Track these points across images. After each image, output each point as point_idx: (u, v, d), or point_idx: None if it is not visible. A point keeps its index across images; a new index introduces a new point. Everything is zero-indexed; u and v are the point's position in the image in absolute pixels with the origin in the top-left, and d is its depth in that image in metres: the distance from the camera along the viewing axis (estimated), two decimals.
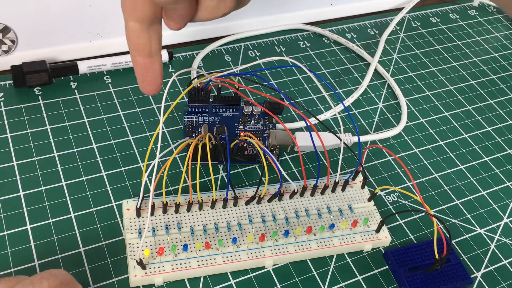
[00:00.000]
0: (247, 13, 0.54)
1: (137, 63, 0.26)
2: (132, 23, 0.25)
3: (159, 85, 0.27)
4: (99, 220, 0.37)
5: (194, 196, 0.37)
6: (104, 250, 0.35)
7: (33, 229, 0.36)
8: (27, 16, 0.45)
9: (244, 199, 0.38)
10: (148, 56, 0.26)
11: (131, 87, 0.47)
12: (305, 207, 0.38)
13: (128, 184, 0.39)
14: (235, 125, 0.43)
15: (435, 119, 0.49)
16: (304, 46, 0.55)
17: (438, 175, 0.44)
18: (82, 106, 0.44)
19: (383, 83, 0.52)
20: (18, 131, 0.42)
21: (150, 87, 0.27)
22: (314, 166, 0.43)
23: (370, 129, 0.47)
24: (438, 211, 0.41)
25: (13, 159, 0.40)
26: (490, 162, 0.46)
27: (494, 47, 0.58)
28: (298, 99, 0.48)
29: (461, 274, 0.36)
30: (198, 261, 0.34)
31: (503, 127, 0.49)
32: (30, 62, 0.45)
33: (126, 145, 0.42)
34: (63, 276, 0.28)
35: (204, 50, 0.51)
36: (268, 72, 0.50)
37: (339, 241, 0.37)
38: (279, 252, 0.36)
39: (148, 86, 0.27)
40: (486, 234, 0.40)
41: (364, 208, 0.39)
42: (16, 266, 0.34)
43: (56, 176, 0.39)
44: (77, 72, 0.47)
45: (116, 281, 0.34)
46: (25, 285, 0.26)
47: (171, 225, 0.36)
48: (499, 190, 0.44)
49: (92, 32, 0.48)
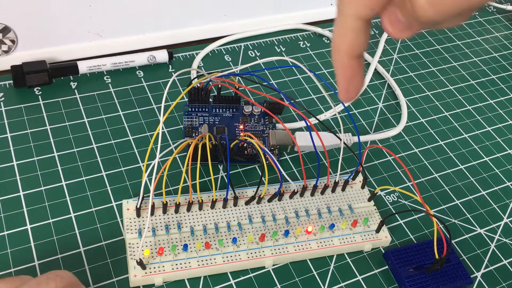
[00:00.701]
0: (247, 13, 0.54)
1: (346, 66, 0.23)
2: (355, 21, 0.22)
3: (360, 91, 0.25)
4: (99, 220, 0.37)
5: (194, 196, 0.37)
6: (104, 250, 0.35)
7: (33, 229, 0.36)
8: (27, 16, 0.45)
9: (244, 199, 0.38)
10: (359, 57, 0.23)
11: (131, 87, 0.47)
12: (305, 207, 0.38)
13: (128, 184, 0.39)
14: (235, 125, 0.43)
15: (435, 119, 0.49)
16: (304, 46, 0.55)
17: (438, 175, 0.44)
18: (82, 106, 0.44)
19: (383, 83, 0.52)
20: (18, 131, 0.42)
21: (353, 93, 0.24)
22: (314, 166, 0.43)
23: (370, 129, 0.47)
24: (438, 211, 0.41)
25: (13, 159, 0.40)
26: (490, 162, 0.46)
27: (494, 47, 0.58)
28: (298, 99, 0.48)
29: (461, 274, 0.36)
30: (198, 261, 0.34)
31: (503, 127, 0.49)
32: (30, 62, 0.45)
33: (126, 145, 0.42)
34: (68, 278, 0.28)
35: (204, 50, 0.51)
36: (268, 72, 0.50)
37: (339, 241, 0.37)
38: (279, 252, 0.36)
39: (352, 92, 0.24)
40: (486, 234, 0.40)
41: (364, 208, 0.39)
42: (16, 266, 0.34)
43: (56, 176, 0.39)
44: (77, 72, 0.47)
45: (116, 281, 0.34)
46: (31, 286, 0.26)
47: (171, 225, 0.36)
48: (499, 190, 0.44)
49: (92, 32, 0.48)
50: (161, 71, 0.49)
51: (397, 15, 0.21)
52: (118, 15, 0.48)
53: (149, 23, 0.50)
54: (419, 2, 0.19)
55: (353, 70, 0.23)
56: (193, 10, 0.51)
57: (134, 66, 0.49)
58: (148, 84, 0.47)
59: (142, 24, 0.50)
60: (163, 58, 0.49)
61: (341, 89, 0.24)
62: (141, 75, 0.48)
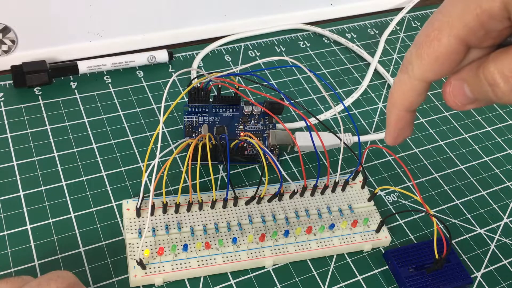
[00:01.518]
0: (247, 13, 0.54)
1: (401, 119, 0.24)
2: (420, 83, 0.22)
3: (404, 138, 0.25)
4: (99, 220, 0.37)
5: (194, 196, 0.37)
6: (104, 250, 0.35)
7: (33, 229, 0.36)
8: (27, 16, 0.45)
9: (244, 199, 0.38)
10: (414, 111, 0.24)
11: (131, 87, 0.47)
12: (305, 207, 0.38)
13: (128, 184, 0.39)
14: (235, 125, 0.43)
15: (435, 119, 0.49)
16: (304, 46, 0.55)
17: (438, 175, 0.44)
18: (82, 106, 0.44)
19: (383, 83, 0.52)
20: (18, 131, 0.42)
21: (401, 140, 0.25)
22: (314, 166, 0.43)
23: (370, 129, 0.47)
24: (438, 211, 0.41)
25: (13, 159, 0.40)
26: (490, 162, 0.46)
27: None
28: (298, 99, 0.48)
29: (461, 274, 0.36)
30: (198, 261, 0.34)
31: (503, 127, 0.49)
32: (30, 62, 0.45)
33: (126, 145, 0.42)
34: (69, 278, 0.28)
35: (204, 50, 0.51)
36: (268, 72, 0.50)
37: (339, 241, 0.37)
38: (279, 252, 0.36)
39: (400, 139, 0.25)
40: (486, 234, 0.40)
41: (364, 208, 0.39)
42: (16, 266, 0.34)
43: (56, 176, 0.39)
44: (77, 72, 0.47)
45: (116, 281, 0.34)
46: (32, 286, 0.26)
47: (171, 225, 0.36)
48: (499, 190, 0.44)
49: (92, 32, 0.48)
50: (161, 71, 0.49)
51: (463, 89, 0.21)
52: (118, 15, 0.48)
53: (149, 23, 0.50)
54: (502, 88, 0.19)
55: (406, 121, 0.24)
56: (193, 10, 0.51)
57: (134, 66, 0.49)
58: (148, 84, 0.47)
59: (142, 24, 0.50)
60: (163, 58, 0.49)
61: (390, 136, 0.25)
62: (141, 75, 0.48)
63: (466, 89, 0.21)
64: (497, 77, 0.19)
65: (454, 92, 0.22)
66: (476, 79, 0.20)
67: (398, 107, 0.24)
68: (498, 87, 0.19)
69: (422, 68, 0.21)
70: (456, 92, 0.22)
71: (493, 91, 0.20)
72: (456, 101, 0.22)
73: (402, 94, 0.23)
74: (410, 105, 0.23)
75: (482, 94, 0.20)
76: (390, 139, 0.25)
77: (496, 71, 0.19)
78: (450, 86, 0.22)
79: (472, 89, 0.21)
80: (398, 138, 0.25)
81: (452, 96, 0.22)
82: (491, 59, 0.20)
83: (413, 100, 0.23)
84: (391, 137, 0.25)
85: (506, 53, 0.19)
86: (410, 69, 0.22)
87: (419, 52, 0.21)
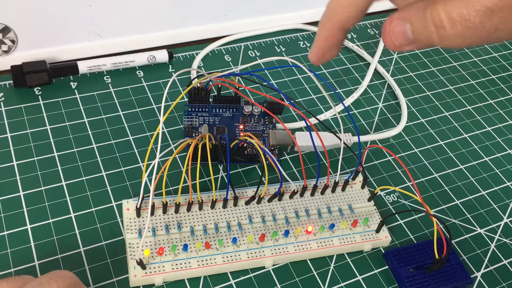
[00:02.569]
0: (247, 13, 0.54)
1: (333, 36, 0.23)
2: None
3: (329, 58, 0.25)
4: (99, 220, 0.37)
5: (194, 196, 0.37)
6: (104, 250, 0.35)
7: (33, 229, 0.36)
8: (27, 16, 0.45)
9: (244, 199, 0.38)
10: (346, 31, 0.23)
11: (131, 87, 0.47)
12: (305, 207, 0.38)
13: (128, 184, 0.39)
14: (235, 125, 0.43)
15: (435, 119, 0.49)
16: (304, 46, 0.55)
17: (438, 175, 0.44)
18: (82, 106, 0.44)
19: (383, 83, 0.52)
20: (18, 131, 0.42)
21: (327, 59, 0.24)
22: (314, 166, 0.43)
23: (370, 129, 0.47)
24: (438, 211, 0.41)
25: (13, 159, 0.40)
26: (490, 162, 0.46)
27: (494, 47, 0.58)
28: (298, 99, 0.48)
29: (461, 274, 0.36)
30: (198, 261, 0.34)
31: (503, 127, 0.49)
32: (30, 62, 0.45)
33: (126, 145, 0.42)
34: (70, 278, 0.28)
35: (204, 50, 0.51)
36: (268, 72, 0.50)
37: (339, 241, 0.37)
38: (279, 252, 0.36)
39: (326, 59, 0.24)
40: (486, 234, 0.40)
41: (364, 208, 0.39)
42: (16, 266, 0.34)
43: (56, 176, 0.39)
44: (77, 72, 0.47)
45: (116, 281, 0.34)
46: (33, 286, 0.26)
47: (171, 225, 0.36)
48: (499, 190, 0.44)
49: (92, 32, 0.48)
50: (161, 71, 0.49)
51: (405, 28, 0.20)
52: (118, 15, 0.48)
53: (149, 23, 0.50)
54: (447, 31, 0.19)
55: (337, 40, 0.23)
56: (193, 10, 0.51)
57: (134, 66, 0.49)
58: (148, 84, 0.47)
59: (142, 24, 0.50)
60: (163, 58, 0.49)
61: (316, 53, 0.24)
62: (141, 75, 0.48)
63: (408, 29, 0.20)
64: (444, 19, 0.19)
65: (395, 31, 0.21)
66: (421, 19, 0.20)
67: (333, 22, 0.22)
68: (444, 30, 0.19)
69: None
70: (397, 31, 0.21)
71: (437, 33, 0.19)
72: (395, 41, 0.21)
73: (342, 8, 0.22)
74: (347, 21, 0.22)
75: (425, 36, 0.20)
76: (315, 58, 0.24)
77: (444, 13, 0.19)
78: (391, 25, 0.21)
79: (414, 30, 0.20)
80: (323, 57, 0.24)
81: (391, 35, 0.21)
82: (440, 0, 0.19)
83: (351, 16, 0.22)
84: (317, 55, 0.24)
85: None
86: None
87: None
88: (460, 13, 0.18)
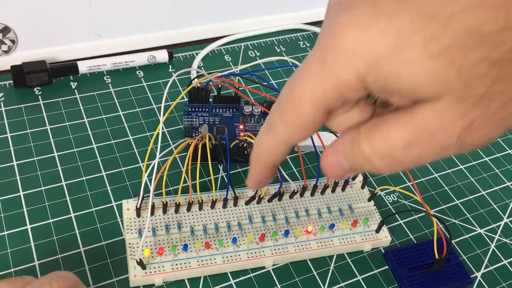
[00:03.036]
0: (247, 13, 0.54)
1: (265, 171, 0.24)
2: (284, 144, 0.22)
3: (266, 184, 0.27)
4: (99, 220, 0.37)
5: (194, 196, 0.37)
6: (104, 250, 0.35)
7: (33, 229, 0.36)
8: (27, 16, 0.45)
9: (244, 199, 0.38)
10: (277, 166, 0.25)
11: (131, 87, 0.47)
12: (305, 207, 0.38)
13: (128, 184, 0.39)
14: (235, 125, 0.43)
15: None
16: (304, 46, 0.55)
17: (438, 175, 0.44)
18: (82, 106, 0.44)
19: None
20: (18, 131, 0.42)
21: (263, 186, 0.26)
22: (314, 166, 0.43)
23: None
24: (438, 211, 0.41)
25: (13, 159, 0.40)
26: (490, 162, 0.46)
27: None
28: None
29: (461, 274, 0.36)
30: (198, 261, 0.34)
31: None
32: (30, 62, 0.45)
33: (126, 145, 0.42)
34: (71, 279, 0.28)
35: (204, 50, 0.51)
36: (268, 72, 0.50)
37: (339, 241, 0.37)
38: (279, 252, 0.36)
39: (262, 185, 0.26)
40: (486, 234, 0.40)
41: (364, 208, 0.39)
42: (16, 266, 0.34)
43: (56, 176, 0.39)
44: (77, 72, 0.47)
45: (116, 281, 0.34)
46: (34, 287, 0.26)
47: (171, 225, 0.36)
48: (499, 190, 0.44)
49: (92, 32, 0.48)
50: (161, 71, 0.49)
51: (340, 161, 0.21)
52: (118, 15, 0.48)
53: (149, 23, 0.50)
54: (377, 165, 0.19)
55: (270, 173, 0.25)
56: (193, 10, 0.51)
57: (134, 66, 0.49)
58: (148, 84, 0.47)
59: (142, 24, 0.50)
60: (163, 58, 0.49)
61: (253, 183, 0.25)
62: (141, 75, 0.48)
63: (343, 162, 0.21)
64: (370, 155, 0.19)
65: (331, 164, 0.21)
66: (350, 153, 0.20)
67: (262, 163, 0.24)
68: (373, 162, 0.19)
69: (286, 133, 0.21)
70: (334, 164, 0.21)
71: (369, 165, 0.19)
72: (334, 172, 0.22)
73: (267, 153, 0.23)
74: (274, 162, 0.24)
75: (360, 166, 0.20)
76: (254, 187, 0.26)
77: (369, 148, 0.19)
78: (326, 159, 0.22)
79: (348, 161, 0.21)
80: (260, 185, 0.26)
81: (330, 168, 0.22)
82: (363, 135, 0.19)
83: (278, 158, 0.23)
84: (255, 185, 0.26)
85: (376, 129, 0.19)
86: (275, 131, 0.21)
87: (283, 118, 0.21)
88: (383, 148, 0.19)
